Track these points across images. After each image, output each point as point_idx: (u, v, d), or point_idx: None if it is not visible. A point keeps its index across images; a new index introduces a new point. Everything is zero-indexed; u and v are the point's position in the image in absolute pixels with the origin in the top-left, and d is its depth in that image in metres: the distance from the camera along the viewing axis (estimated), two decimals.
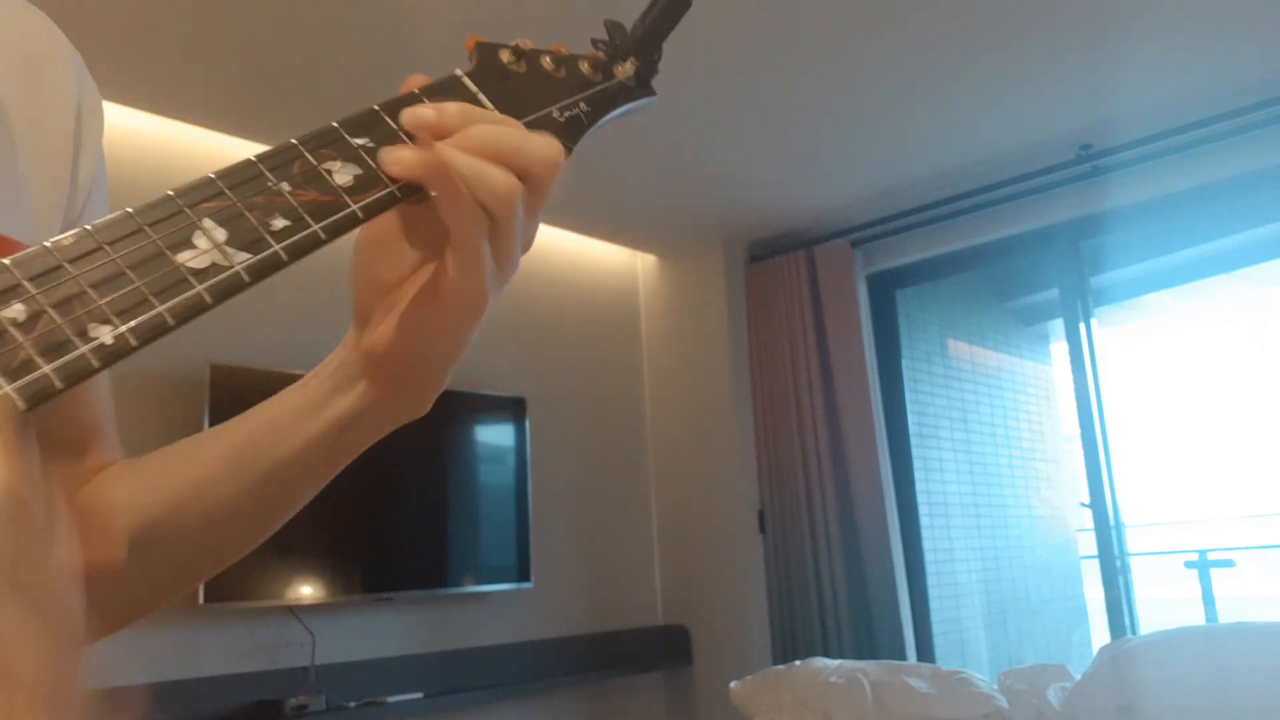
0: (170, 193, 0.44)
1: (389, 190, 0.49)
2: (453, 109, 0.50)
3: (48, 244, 0.40)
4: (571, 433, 3.88)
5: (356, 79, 2.63)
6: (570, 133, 0.57)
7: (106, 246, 0.41)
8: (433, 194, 0.49)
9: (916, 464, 3.95)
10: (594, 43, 0.60)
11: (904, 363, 4.02)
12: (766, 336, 3.97)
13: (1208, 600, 5.30)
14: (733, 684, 3.12)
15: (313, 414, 0.55)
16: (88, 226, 0.42)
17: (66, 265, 0.40)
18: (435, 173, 0.47)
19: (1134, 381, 6.42)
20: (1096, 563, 3.40)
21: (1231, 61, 2.92)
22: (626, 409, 4.15)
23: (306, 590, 2.89)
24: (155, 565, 0.58)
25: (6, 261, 0.39)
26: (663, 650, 3.96)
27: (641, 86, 0.61)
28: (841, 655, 3.46)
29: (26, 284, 0.39)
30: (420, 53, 2.46)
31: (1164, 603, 5.86)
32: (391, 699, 2.96)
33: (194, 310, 0.42)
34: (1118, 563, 3.34)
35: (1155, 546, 6.70)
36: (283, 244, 0.45)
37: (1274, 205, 3.27)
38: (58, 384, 0.38)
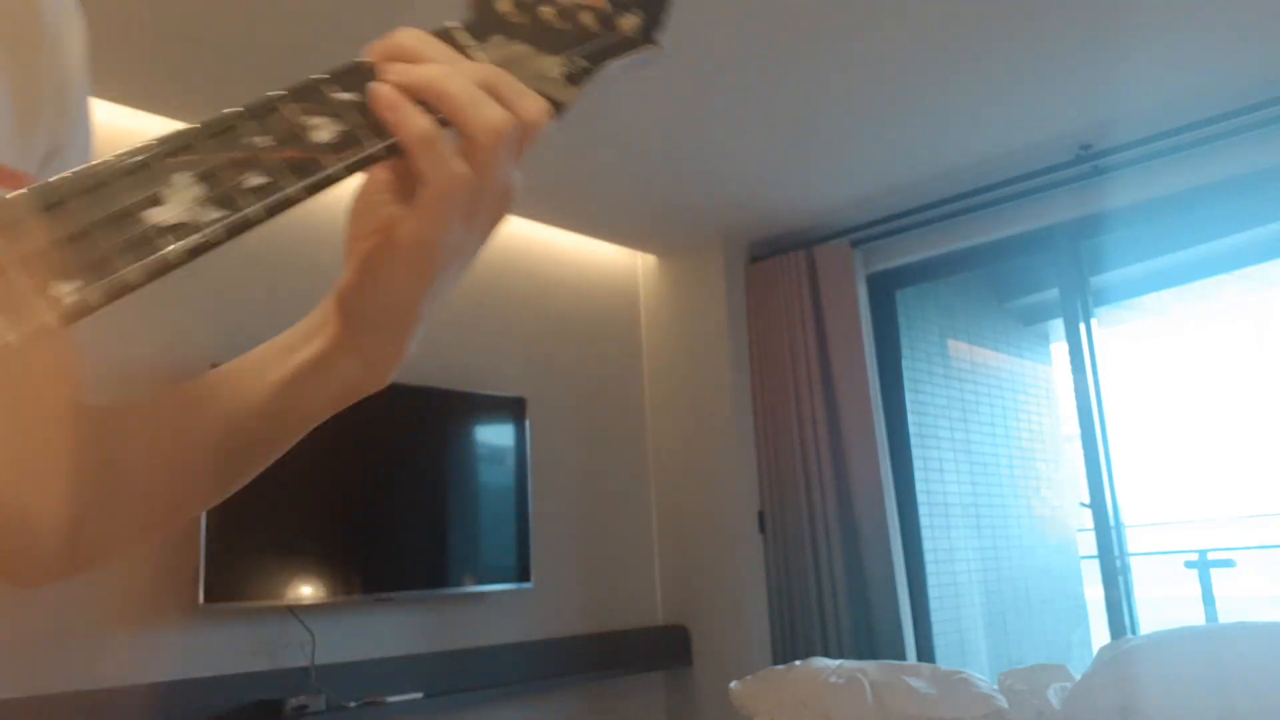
0: (142, 146, 0.42)
1: (371, 151, 0.47)
2: (440, 47, 0.48)
3: (11, 197, 0.39)
4: (571, 433, 3.88)
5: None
6: (564, 88, 0.54)
7: (74, 200, 0.40)
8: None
9: (916, 464, 3.95)
10: None
11: (904, 363, 4.02)
12: (766, 336, 3.97)
13: (1208, 600, 5.30)
14: (733, 684, 3.12)
15: (279, 360, 0.55)
16: (57, 178, 0.40)
17: (31, 219, 0.39)
18: (402, 115, 0.46)
19: (1134, 381, 6.42)
20: (1096, 563, 3.41)
21: (1231, 61, 2.92)
22: (626, 409, 4.15)
23: (306, 590, 2.88)
24: (117, 501, 0.57)
25: None
26: (663, 650, 3.95)
27: (646, 39, 0.57)
28: (841, 655, 3.46)
29: None
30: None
31: (1164, 603, 5.86)
32: (391, 699, 2.96)
33: (161, 268, 0.41)
34: (1118, 563, 3.34)
35: (1155, 546, 6.70)
36: (258, 203, 0.43)
37: (1274, 205, 3.27)
38: (10, 338, 0.37)
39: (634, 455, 4.13)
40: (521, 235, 3.82)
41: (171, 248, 0.41)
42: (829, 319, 3.82)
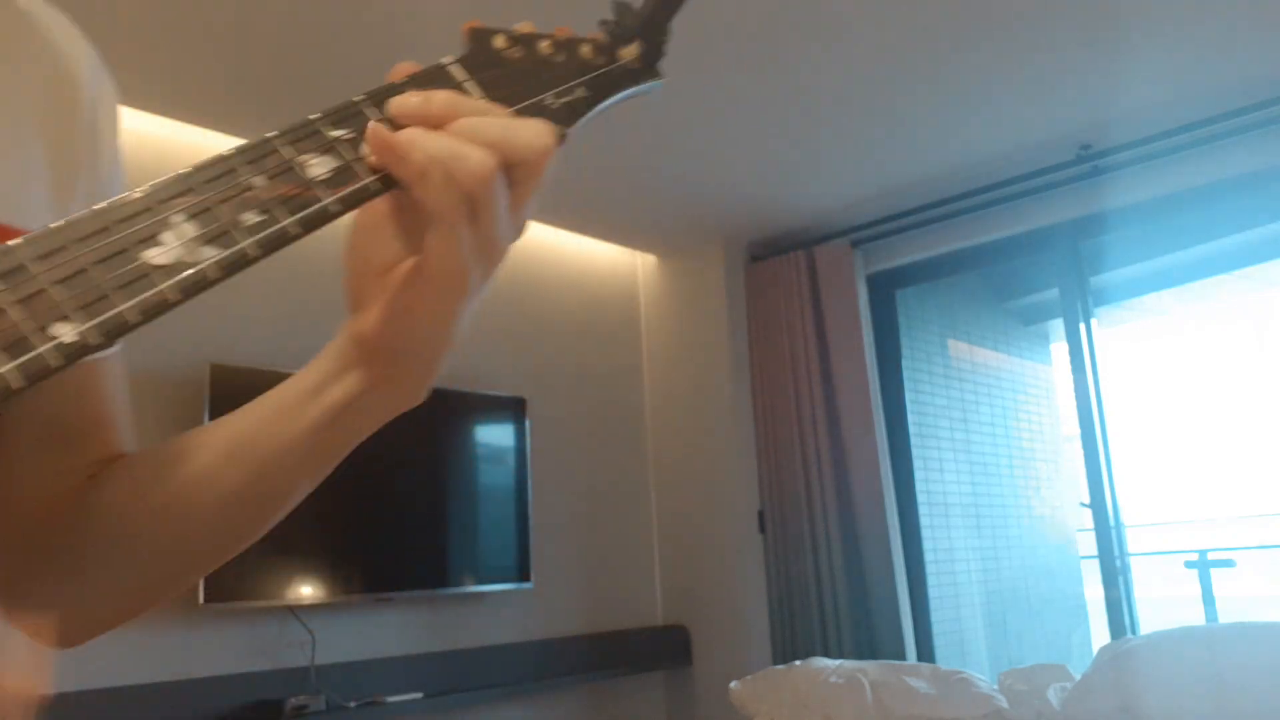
0: (138, 190, 0.44)
1: (366, 183, 0.48)
2: (439, 97, 0.50)
3: (10, 244, 0.40)
4: (571, 432, 3.88)
5: (357, 75, 2.62)
6: (564, 118, 0.55)
7: (72, 244, 0.41)
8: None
9: (916, 464, 3.95)
10: (601, 24, 0.58)
11: (904, 363, 4.02)
12: (766, 336, 3.97)
13: (1208, 600, 5.30)
14: (733, 684, 3.12)
15: (309, 401, 0.55)
16: (53, 224, 0.42)
17: (29, 263, 0.40)
18: (399, 155, 0.47)
19: (1134, 381, 6.42)
20: (1096, 563, 3.41)
21: (1231, 61, 2.91)
22: (626, 409, 4.15)
23: (306, 590, 2.88)
24: (160, 554, 0.59)
25: None
26: (663, 650, 3.95)
27: (646, 69, 0.58)
28: (841, 655, 3.46)
29: None
30: (424, 48, 2.46)
31: (1164, 603, 5.86)
32: (391, 699, 2.96)
33: (158, 307, 0.42)
34: (1118, 563, 3.34)
35: (1155, 546, 6.70)
36: (253, 239, 0.45)
37: (1274, 205, 3.27)
38: (17, 383, 0.38)
39: (634, 455, 4.13)
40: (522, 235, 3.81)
41: (166, 284, 0.42)
42: (829, 319, 3.82)
